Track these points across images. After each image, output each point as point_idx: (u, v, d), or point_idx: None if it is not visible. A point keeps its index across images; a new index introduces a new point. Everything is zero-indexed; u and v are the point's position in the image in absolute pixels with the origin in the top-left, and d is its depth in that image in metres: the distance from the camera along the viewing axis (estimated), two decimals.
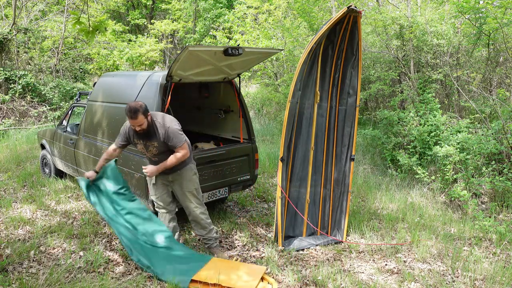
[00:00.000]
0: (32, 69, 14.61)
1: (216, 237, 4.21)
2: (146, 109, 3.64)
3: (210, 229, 4.15)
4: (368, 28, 9.55)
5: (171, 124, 3.78)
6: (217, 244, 4.23)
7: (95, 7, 17.25)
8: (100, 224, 4.98)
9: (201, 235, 4.18)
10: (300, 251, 4.31)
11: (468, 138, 5.99)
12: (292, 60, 10.99)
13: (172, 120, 3.85)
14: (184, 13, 22.22)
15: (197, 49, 3.94)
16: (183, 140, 3.80)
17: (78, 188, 6.30)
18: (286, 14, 12.54)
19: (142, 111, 3.58)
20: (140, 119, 3.59)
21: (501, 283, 3.59)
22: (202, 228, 4.12)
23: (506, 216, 5.23)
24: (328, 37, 4.17)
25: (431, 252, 4.24)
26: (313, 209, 4.58)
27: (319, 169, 4.52)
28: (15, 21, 12.90)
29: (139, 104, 3.62)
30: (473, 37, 7.73)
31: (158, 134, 3.75)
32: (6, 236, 4.54)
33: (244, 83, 16.42)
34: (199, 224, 4.10)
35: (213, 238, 4.17)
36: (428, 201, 5.81)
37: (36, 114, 12.36)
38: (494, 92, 7.97)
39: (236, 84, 5.14)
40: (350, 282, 3.62)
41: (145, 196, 4.37)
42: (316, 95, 4.35)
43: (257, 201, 5.99)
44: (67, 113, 6.45)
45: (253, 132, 5.29)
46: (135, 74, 4.96)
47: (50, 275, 3.60)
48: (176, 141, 3.74)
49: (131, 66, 16.32)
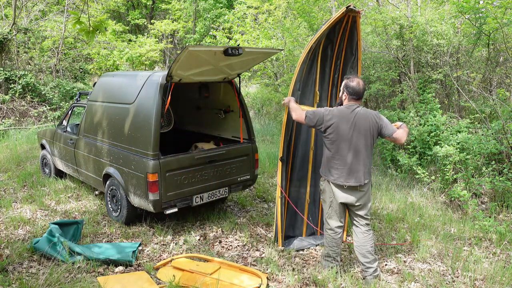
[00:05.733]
0: (32, 69, 14.60)
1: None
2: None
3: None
4: (368, 28, 9.54)
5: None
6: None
7: (95, 7, 17.24)
8: (100, 224, 4.98)
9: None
10: (300, 251, 4.31)
11: (468, 138, 5.99)
12: (292, 60, 10.98)
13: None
14: (184, 13, 22.21)
15: (197, 49, 3.94)
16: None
17: (78, 188, 6.30)
18: (286, 14, 12.53)
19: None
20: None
21: (501, 283, 3.59)
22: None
23: (506, 216, 5.23)
24: (327, 37, 4.16)
25: (431, 252, 4.24)
26: (313, 209, 4.58)
27: (319, 169, 4.51)
28: (15, 21, 12.89)
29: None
30: (473, 37, 7.72)
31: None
32: (6, 236, 4.54)
33: (244, 83, 16.42)
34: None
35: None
36: (428, 201, 5.81)
37: (36, 114, 12.36)
38: (494, 92, 7.97)
39: (236, 84, 5.14)
40: (350, 282, 3.62)
41: (145, 196, 4.37)
42: (315, 95, 4.35)
43: (257, 201, 5.98)
44: (67, 113, 6.45)
45: (253, 132, 5.29)
46: (135, 74, 4.96)
47: (50, 275, 3.59)
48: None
49: (131, 66, 16.31)
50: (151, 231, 4.78)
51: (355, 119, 3.42)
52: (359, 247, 3.59)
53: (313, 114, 3.53)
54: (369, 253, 3.55)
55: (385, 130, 3.49)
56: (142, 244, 4.43)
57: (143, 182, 4.37)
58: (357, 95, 3.45)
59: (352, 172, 3.43)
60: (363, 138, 3.43)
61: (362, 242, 3.57)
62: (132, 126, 4.60)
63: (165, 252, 4.32)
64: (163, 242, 4.51)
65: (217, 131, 5.84)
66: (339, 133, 3.42)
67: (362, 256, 3.58)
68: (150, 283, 3.57)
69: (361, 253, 3.58)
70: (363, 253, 3.57)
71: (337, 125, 3.42)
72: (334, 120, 3.44)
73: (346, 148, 3.43)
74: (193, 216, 5.24)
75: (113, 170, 4.86)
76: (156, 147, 4.33)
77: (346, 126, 3.42)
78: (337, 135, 3.43)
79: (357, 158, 3.43)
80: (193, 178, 4.65)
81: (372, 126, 3.46)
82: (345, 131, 3.42)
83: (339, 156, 3.45)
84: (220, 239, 4.63)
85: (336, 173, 3.48)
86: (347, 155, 3.43)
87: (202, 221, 5.16)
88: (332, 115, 3.46)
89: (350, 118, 3.43)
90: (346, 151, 3.43)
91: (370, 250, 3.56)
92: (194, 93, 5.70)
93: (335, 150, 3.46)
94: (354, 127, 3.42)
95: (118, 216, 4.96)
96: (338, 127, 3.42)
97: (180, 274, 3.70)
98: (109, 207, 5.14)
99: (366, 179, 3.47)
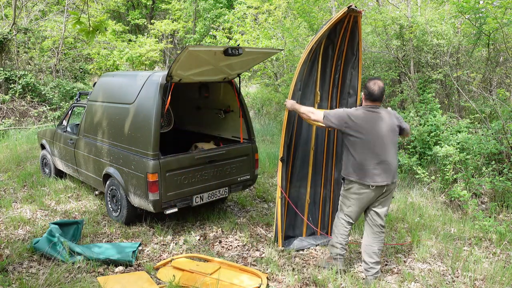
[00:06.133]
0: (32, 69, 14.60)
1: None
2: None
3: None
4: (368, 28, 9.54)
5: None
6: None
7: (95, 7, 17.23)
8: (100, 224, 4.98)
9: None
10: (300, 251, 4.31)
11: (468, 138, 5.99)
12: (292, 60, 10.98)
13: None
14: (184, 13, 22.20)
15: (197, 49, 3.94)
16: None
17: (78, 188, 6.30)
18: (286, 14, 12.53)
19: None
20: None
21: (501, 283, 3.59)
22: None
23: (506, 216, 5.23)
24: (328, 37, 4.15)
25: (431, 252, 4.24)
26: (313, 209, 4.58)
27: (319, 169, 4.52)
28: (15, 21, 12.89)
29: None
30: (473, 37, 7.72)
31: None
32: (6, 236, 4.54)
33: (244, 83, 16.42)
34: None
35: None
36: (428, 201, 5.81)
37: (36, 114, 12.36)
38: (494, 92, 7.96)
39: (236, 84, 5.14)
40: (350, 282, 3.62)
41: (145, 196, 4.37)
42: (316, 95, 4.35)
43: (257, 201, 5.98)
44: (67, 113, 6.45)
45: (253, 132, 5.29)
46: (135, 74, 4.96)
47: (50, 275, 3.59)
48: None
49: (131, 66, 16.30)
50: (151, 231, 4.78)
51: (378, 119, 3.46)
52: (367, 246, 3.60)
53: (334, 115, 3.56)
54: (375, 254, 3.57)
55: (403, 127, 3.58)
56: (142, 244, 4.43)
57: (143, 182, 4.37)
58: (373, 97, 3.47)
59: (380, 172, 3.42)
60: (388, 137, 3.45)
61: (371, 242, 3.59)
62: (132, 126, 4.60)
63: (165, 252, 4.32)
64: (163, 242, 4.51)
65: (217, 131, 5.84)
66: (363, 133, 3.43)
67: (368, 255, 3.60)
68: (150, 283, 3.57)
69: (367, 252, 3.60)
70: (369, 253, 3.59)
71: (361, 126, 3.44)
72: (358, 120, 3.46)
73: (371, 148, 3.43)
74: (193, 216, 5.24)
75: (113, 170, 4.86)
76: (156, 147, 4.33)
77: (369, 126, 3.44)
78: (362, 135, 3.44)
79: (383, 157, 3.43)
80: (193, 178, 4.65)
81: (394, 125, 3.51)
82: (370, 131, 3.43)
83: (364, 156, 3.44)
84: (220, 239, 4.63)
85: (362, 173, 3.45)
86: (372, 154, 3.42)
87: (202, 221, 5.16)
88: (355, 116, 3.48)
89: (373, 118, 3.46)
90: (371, 150, 3.43)
91: (376, 252, 3.58)
92: (194, 93, 5.70)
93: (360, 150, 3.45)
94: (379, 127, 3.44)
95: (118, 216, 4.96)
96: (363, 128, 3.44)
97: (180, 274, 3.70)
98: (109, 207, 5.14)
99: (394, 178, 3.48)
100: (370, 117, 3.46)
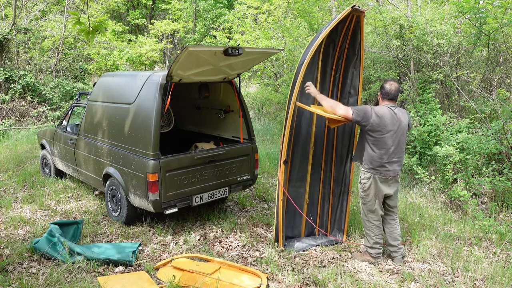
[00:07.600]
0: (32, 69, 14.60)
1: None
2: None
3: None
4: (368, 28, 9.54)
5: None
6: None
7: (95, 7, 17.23)
8: (100, 224, 4.98)
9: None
10: (300, 251, 4.31)
11: (468, 138, 5.99)
12: (292, 60, 10.98)
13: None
14: (184, 13, 22.19)
15: (197, 49, 3.94)
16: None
17: (78, 188, 6.30)
18: (286, 14, 12.53)
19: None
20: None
21: (501, 283, 3.59)
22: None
23: (506, 216, 5.23)
24: (329, 36, 4.10)
25: (431, 252, 4.24)
26: (312, 209, 4.57)
27: (318, 169, 4.51)
28: (15, 21, 12.90)
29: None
30: (473, 37, 7.72)
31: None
32: (6, 236, 4.54)
33: (244, 83, 16.42)
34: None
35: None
36: (428, 201, 5.81)
37: (36, 114, 12.36)
38: (494, 92, 7.97)
39: (236, 84, 5.14)
40: (350, 282, 3.62)
41: (145, 196, 4.37)
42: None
43: (257, 201, 5.98)
44: (67, 113, 6.45)
45: (253, 132, 5.29)
46: (135, 74, 4.96)
47: (50, 275, 3.60)
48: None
49: (131, 66, 16.30)
50: (151, 231, 4.78)
51: (397, 117, 3.78)
52: (391, 232, 4.04)
53: (360, 111, 3.76)
54: (399, 235, 4.07)
55: (410, 124, 4.00)
56: (142, 244, 4.43)
57: (143, 182, 4.37)
58: (389, 96, 3.82)
59: (394, 165, 3.84)
60: (403, 134, 3.84)
61: (394, 227, 4.05)
62: (132, 126, 4.60)
63: (165, 252, 4.32)
64: (163, 242, 4.51)
65: (217, 131, 5.84)
66: (386, 130, 3.74)
67: (393, 239, 4.03)
68: (150, 283, 3.57)
69: (393, 236, 4.04)
70: (394, 237, 4.03)
71: (384, 123, 3.73)
72: (382, 118, 3.73)
73: (390, 143, 3.77)
74: (193, 216, 5.24)
75: (113, 170, 4.86)
76: (156, 147, 4.33)
77: (390, 123, 3.75)
78: (384, 132, 3.74)
79: (398, 152, 3.84)
80: (193, 178, 4.65)
81: (406, 123, 3.88)
82: (390, 128, 3.75)
83: (385, 151, 3.78)
84: (220, 239, 4.63)
85: (383, 167, 3.81)
86: (391, 150, 3.79)
87: (202, 221, 5.16)
88: (381, 113, 3.75)
89: (393, 116, 3.77)
90: (390, 146, 3.78)
91: (400, 233, 4.08)
92: (194, 93, 5.69)
93: (381, 146, 3.78)
94: (398, 125, 3.78)
95: (118, 216, 4.97)
96: (386, 125, 3.74)
97: (180, 274, 3.70)
98: (109, 207, 5.14)
99: (400, 169, 3.93)
100: (392, 115, 3.77)
